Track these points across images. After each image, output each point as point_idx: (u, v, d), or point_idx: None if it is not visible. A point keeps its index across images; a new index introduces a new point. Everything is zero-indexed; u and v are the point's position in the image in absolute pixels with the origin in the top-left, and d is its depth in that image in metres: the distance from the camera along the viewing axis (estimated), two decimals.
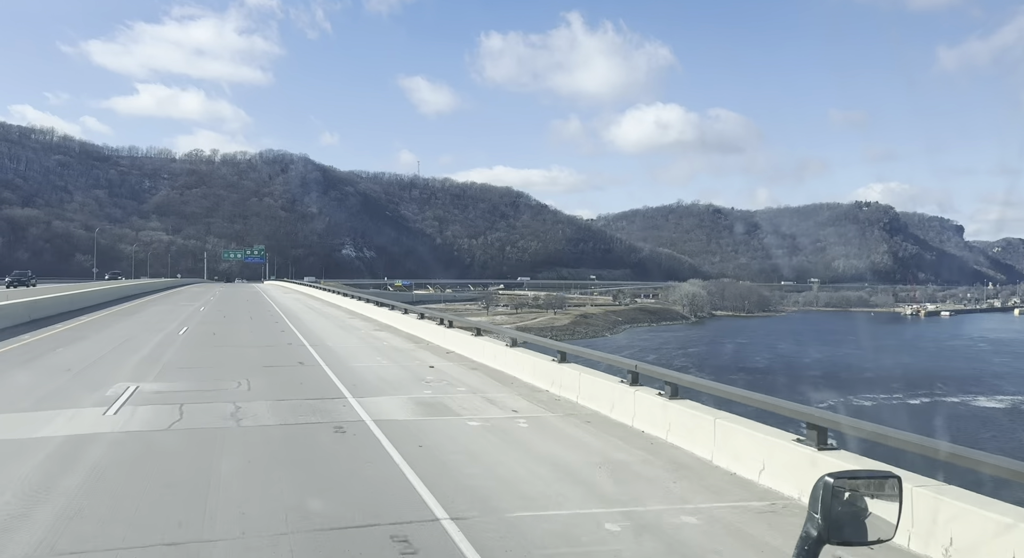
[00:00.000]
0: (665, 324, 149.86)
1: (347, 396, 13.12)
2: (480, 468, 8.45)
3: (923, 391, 56.12)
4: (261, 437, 9.92)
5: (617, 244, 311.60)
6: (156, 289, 69.39)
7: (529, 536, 6.24)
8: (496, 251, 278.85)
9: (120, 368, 16.21)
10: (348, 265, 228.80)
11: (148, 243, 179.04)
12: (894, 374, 61.08)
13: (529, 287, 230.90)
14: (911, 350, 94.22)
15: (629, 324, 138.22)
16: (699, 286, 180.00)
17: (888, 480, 2.03)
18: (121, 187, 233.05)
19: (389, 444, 9.42)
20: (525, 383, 14.70)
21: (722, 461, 8.55)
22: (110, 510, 6.69)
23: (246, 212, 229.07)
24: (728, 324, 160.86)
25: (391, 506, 6.95)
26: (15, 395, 12.57)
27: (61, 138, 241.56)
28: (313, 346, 21.82)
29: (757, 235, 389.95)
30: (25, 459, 8.37)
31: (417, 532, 6.25)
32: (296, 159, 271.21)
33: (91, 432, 9.81)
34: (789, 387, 50.63)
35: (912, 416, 43.73)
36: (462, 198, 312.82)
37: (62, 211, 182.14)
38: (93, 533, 6.07)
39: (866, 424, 7.22)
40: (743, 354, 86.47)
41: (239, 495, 7.21)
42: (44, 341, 21.38)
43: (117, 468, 8.19)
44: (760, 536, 6.38)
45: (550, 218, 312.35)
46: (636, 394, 10.78)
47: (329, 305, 46.10)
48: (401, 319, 28.13)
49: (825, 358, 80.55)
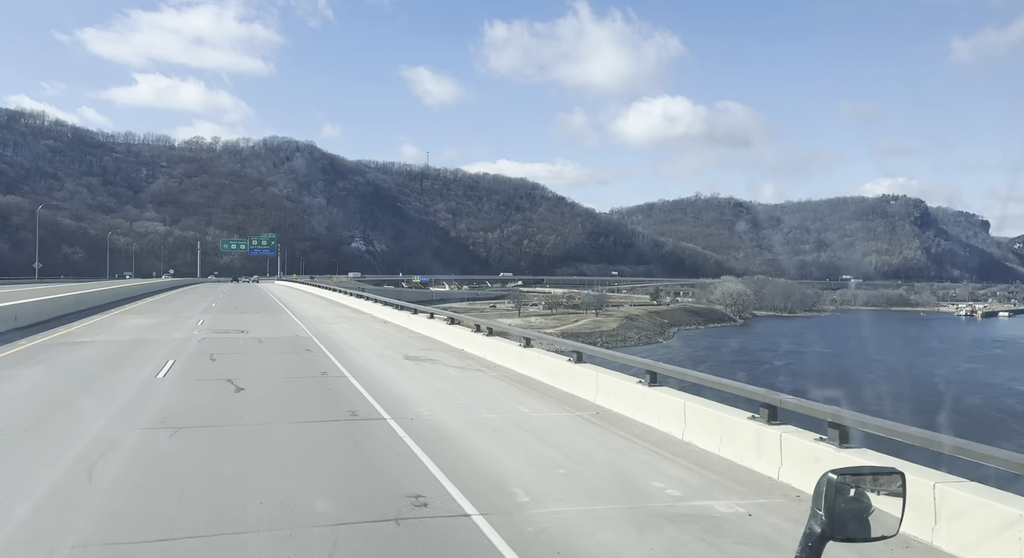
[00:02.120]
0: (713, 326, 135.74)
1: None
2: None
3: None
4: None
5: (639, 239, 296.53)
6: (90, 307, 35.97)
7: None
8: (513, 245, 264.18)
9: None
10: (358, 259, 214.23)
11: (143, 234, 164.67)
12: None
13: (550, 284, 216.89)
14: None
15: (676, 326, 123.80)
16: (741, 284, 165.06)
17: (892, 476, 2.02)
18: (116, 175, 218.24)
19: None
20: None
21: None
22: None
23: (249, 202, 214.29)
24: (777, 326, 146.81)
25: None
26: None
27: (53, 123, 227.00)
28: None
29: (780, 229, 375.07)
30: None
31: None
32: (302, 147, 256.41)
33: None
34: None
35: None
36: (475, 190, 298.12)
37: (50, 199, 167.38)
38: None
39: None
40: (846, 366, 71.74)
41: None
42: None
43: None
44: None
45: (568, 211, 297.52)
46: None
47: (373, 319, 31.95)
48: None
49: (963, 378, 65.70)
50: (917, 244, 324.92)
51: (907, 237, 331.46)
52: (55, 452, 8.40)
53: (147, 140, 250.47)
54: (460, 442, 9.40)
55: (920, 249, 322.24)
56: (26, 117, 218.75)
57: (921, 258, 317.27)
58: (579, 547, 5.82)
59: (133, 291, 53.16)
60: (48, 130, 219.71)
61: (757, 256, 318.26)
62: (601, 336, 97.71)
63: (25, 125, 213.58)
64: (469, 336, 20.09)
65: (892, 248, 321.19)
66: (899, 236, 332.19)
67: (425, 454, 8.55)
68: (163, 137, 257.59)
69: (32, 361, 16.45)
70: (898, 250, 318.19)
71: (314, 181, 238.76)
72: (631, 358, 12.61)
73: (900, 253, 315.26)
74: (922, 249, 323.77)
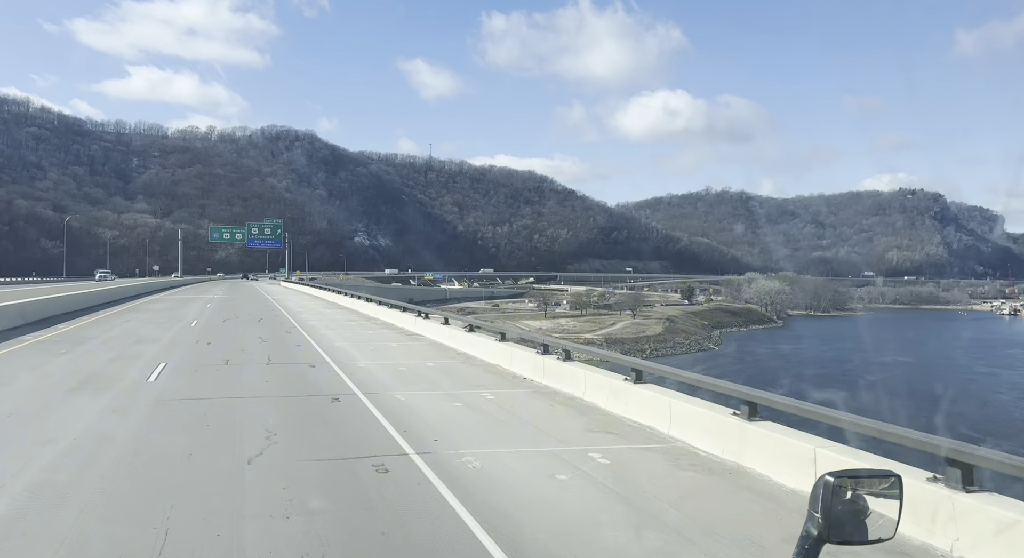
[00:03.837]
0: (754, 327, 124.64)
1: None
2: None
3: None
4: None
5: (652, 234, 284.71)
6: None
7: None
8: (523, 240, 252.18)
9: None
10: (361, 254, 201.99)
11: (131, 227, 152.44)
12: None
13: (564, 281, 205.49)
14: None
15: (717, 328, 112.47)
16: (777, 281, 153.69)
17: (889, 479, 2.00)
18: (105, 165, 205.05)
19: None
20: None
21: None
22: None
23: (246, 194, 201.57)
24: (819, 327, 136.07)
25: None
26: None
27: (38, 109, 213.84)
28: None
29: (795, 224, 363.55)
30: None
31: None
32: (302, 136, 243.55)
33: None
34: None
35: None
36: (481, 182, 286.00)
37: (31, 189, 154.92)
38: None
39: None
40: (964, 384, 60.26)
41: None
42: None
43: None
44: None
45: (579, 205, 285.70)
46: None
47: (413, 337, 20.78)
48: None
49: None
50: (938, 239, 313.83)
51: (927, 232, 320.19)
52: None
53: (139, 129, 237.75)
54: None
55: (941, 244, 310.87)
56: (9, 104, 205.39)
57: (943, 254, 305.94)
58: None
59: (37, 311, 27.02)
60: (33, 117, 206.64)
61: (773, 252, 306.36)
62: (648, 342, 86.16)
63: (7, 112, 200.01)
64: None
65: (913, 244, 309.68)
66: (919, 231, 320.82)
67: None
68: (155, 126, 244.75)
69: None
70: (919, 246, 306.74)
71: (315, 172, 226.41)
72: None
73: (921, 249, 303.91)
74: (943, 244, 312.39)
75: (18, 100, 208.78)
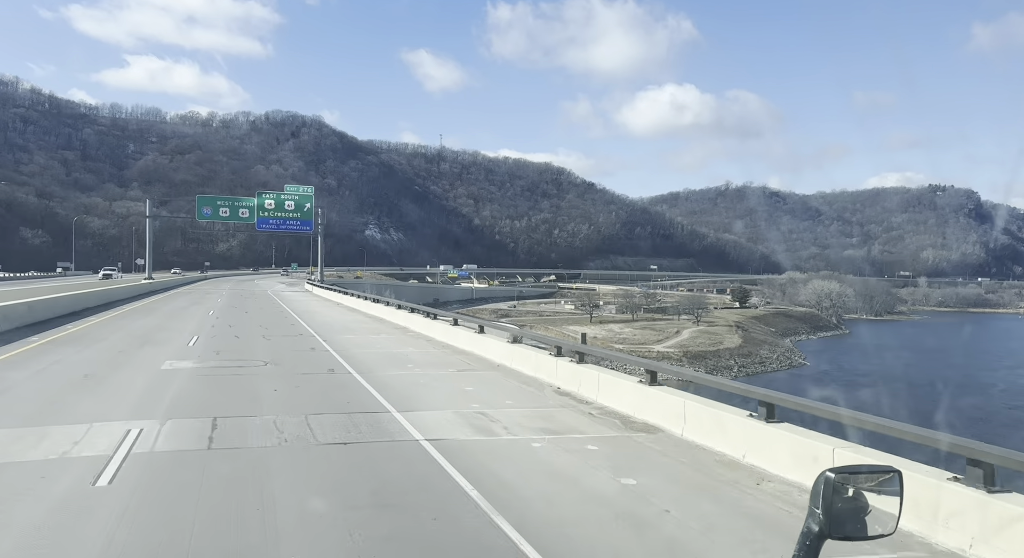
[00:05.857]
0: (822, 335, 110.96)
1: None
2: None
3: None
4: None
5: (677, 229, 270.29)
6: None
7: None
8: (542, 235, 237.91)
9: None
10: (373, 249, 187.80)
11: (124, 216, 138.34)
12: None
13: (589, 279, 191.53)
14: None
15: (787, 336, 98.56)
16: (836, 282, 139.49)
17: (889, 475, 2.00)
18: (98, 150, 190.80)
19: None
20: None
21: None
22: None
23: (249, 182, 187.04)
24: (887, 333, 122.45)
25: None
26: None
27: (28, 90, 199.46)
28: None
29: (821, 221, 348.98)
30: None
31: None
32: (309, 122, 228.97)
33: None
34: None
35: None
36: (496, 174, 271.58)
37: (15, 173, 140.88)
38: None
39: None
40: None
41: None
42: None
43: None
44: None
45: (599, 198, 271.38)
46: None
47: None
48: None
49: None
50: (975, 238, 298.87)
51: (962, 231, 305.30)
52: None
53: (135, 113, 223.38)
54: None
55: (978, 243, 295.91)
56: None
57: (980, 253, 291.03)
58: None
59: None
60: (22, 97, 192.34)
61: (802, 250, 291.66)
62: (732, 356, 72.06)
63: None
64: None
65: (948, 243, 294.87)
66: (953, 229, 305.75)
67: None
68: (154, 109, 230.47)
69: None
70: (955, 245, 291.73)
71: (323, 159, 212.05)
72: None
73: (958, 248, 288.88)
74: (980, 243, 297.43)
75: (5, 80, 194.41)
